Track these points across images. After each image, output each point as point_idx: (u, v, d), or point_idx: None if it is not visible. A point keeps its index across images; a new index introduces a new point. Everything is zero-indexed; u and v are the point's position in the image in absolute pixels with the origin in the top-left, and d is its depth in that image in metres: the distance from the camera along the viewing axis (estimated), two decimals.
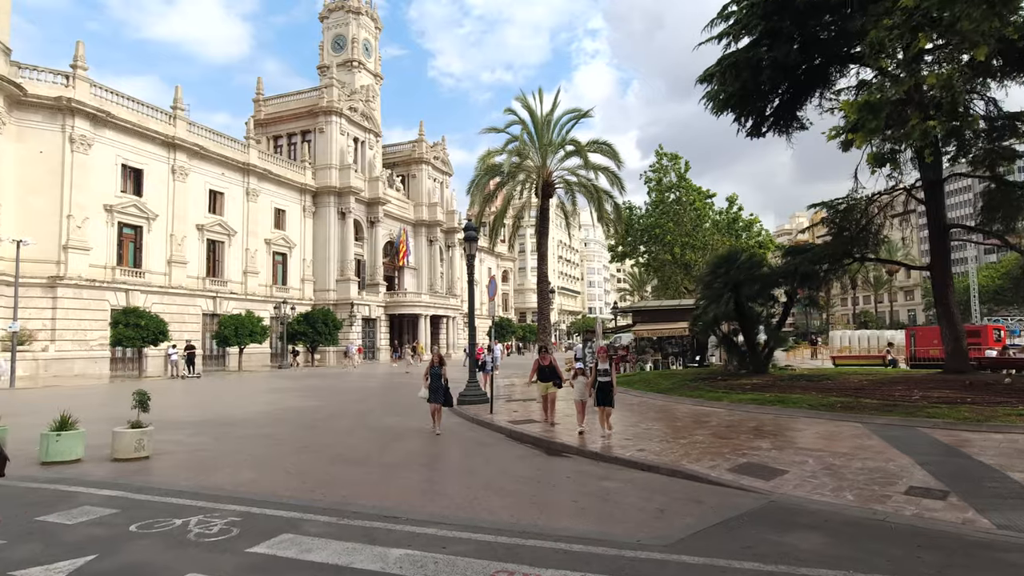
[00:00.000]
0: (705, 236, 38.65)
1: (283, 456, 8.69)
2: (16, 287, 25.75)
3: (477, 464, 8.24)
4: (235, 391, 22.27)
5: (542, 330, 25.28)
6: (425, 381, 10.83)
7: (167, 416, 13.36)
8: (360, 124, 54.04)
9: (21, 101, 31.27)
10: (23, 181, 31.14)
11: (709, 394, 14.92)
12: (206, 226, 40.37)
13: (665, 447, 8.88)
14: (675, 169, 38.61)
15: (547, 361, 11.59)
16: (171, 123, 38.48)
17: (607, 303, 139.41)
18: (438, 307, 58.69)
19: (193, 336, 38.42)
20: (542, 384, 11.53)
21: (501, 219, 25.02)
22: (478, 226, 16.71)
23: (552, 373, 11.46)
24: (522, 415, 13.33)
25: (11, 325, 24.17)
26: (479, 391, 15.91)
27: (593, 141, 24.26)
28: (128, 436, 7.85)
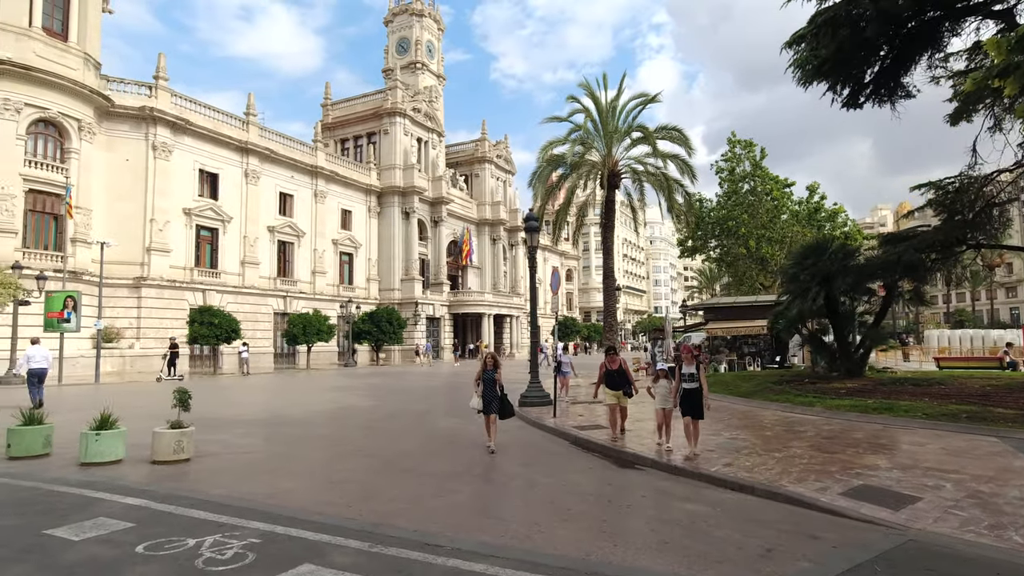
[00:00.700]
0: (783, 228, 35.96)
1: (328, 461, 8.05)
2: (100, 287, 27.07)
3: (538, 476, 7.27)
4: (298, 389, 22.35)
5: (608, 329, 24.00)
6: (476, 387, 9.14)
7: (223, 414, 13.22)
8: (423, 124, 54.33)
9: (110, 112, 33.08)
10: (111, 187, 32.93)
11: (798, 399, 13.28)
12: (277, 227, 41.56)
13: (757, 462, 7.58)
14: (749, 157, 36.13)
15: (616, 364, 9.76)
16: (244, 129, 39.84)
17: (674, 302, 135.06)
18: (501, 306, 58.20)
19: (265, 334, 39.64)
20: (611, 392, 9.65)
21: (564, 213, 23.93)
22: (540, 221, 15.74)
23: (622, 379, 9.65)
24: (588, 420, 12.26)
25: (96, 323, 25.39)
26: (541, 392, 14.95)
27: (662, 127, 22.76)
28: (167, 437, 7.44)
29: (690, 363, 8.39)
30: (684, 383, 8.26)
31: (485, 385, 9.03)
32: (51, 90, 29.66)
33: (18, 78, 28.59)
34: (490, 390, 8.99)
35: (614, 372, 9.71)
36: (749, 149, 35.95)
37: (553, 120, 23.31)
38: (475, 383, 9.22)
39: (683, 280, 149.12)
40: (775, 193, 34.80)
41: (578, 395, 17.36)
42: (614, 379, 9.65)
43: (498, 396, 9.04)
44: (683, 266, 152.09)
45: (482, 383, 9.06)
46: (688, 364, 8.37)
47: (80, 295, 25.50)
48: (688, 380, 8.26)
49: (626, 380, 9.67)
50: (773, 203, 35.80)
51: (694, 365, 8.36)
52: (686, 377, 8.28)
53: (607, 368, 9.80)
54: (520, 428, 11.74)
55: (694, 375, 8.28)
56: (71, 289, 26.12)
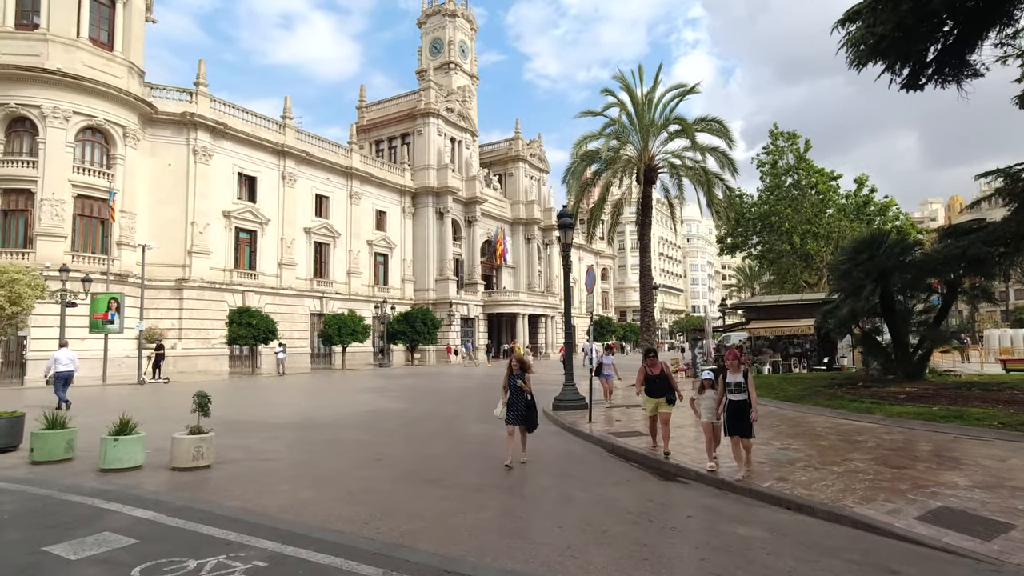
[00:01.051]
0: (829, 223, 34.35)
1: (352, 469, 7.69)
2: (142, 289, 27.66)
3: (572, 489, 6.74)
4: (331, 390, 22.32)
5: (645, 328, 23.23)
6: (503, 394, 8.14)
7: (253, 417, 13.11)
8: (457, 124, 54.25)
9: (153, 118, 33.94)
10: (154, 192, 33.77)
11: (854, 404, 12.34)
12: (313, 229, 42.02)
13: (814, 477, 6.86)
14: (793, 150, 34.62)
15: (656, 369, 8.71)
16: (281, 132, 40.41)
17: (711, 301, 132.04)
18: (536, 306, 57.68)
19: (302, 335, 40.12)
20: (650, 400, 8.60)
21: (599, 210, 23.26)
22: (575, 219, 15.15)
23: (664, 385, 8.57)
24: (625, 425, 11.65)
25: (138, 324, 25.96)
26: (576, 395, 14.37)
27: (700, 119, 21.84)
28: (185, 443, 7.20)
29: (736, 370, 7.16)
30: (729, 394, 7.11)
31: (512, 392, 8.05)
32: (98, 98, 30.54)
33: (67, 87, 29.53)
34: (517, 397, 8.03)
35: (655, 378, 8.66)
36: (792, 141, 34.47)
37: (587, 114, 22.70)
38: (502, 390, 8.22)
39: (721, 279, 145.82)
40: (820, 186, 33.24)
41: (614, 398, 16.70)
42: (655, 385, 8.61)
43: (524, 405, 8.03)
44: (721, 264, 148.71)
45: (508, 389, 8.10)
46: (734, 372, 7.16)
47: (123, 297, 26.12)
48: (734, 390, 7.09)
49: (668, 386, 8.60)
50: (818, 197, 34.24)
51: (741, 373, 7.14)
52: (731, 387, 7.13)
53: (647, 373, 8.71)
54: (554, 434, 11.21)
55: (741, 384, 7.10)
56: (116, 291, 26.79)
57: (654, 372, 8.69)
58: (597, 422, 12.04)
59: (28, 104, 29.02)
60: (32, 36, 29.45)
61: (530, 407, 8.11)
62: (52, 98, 29.29)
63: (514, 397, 8.02)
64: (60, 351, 13.24)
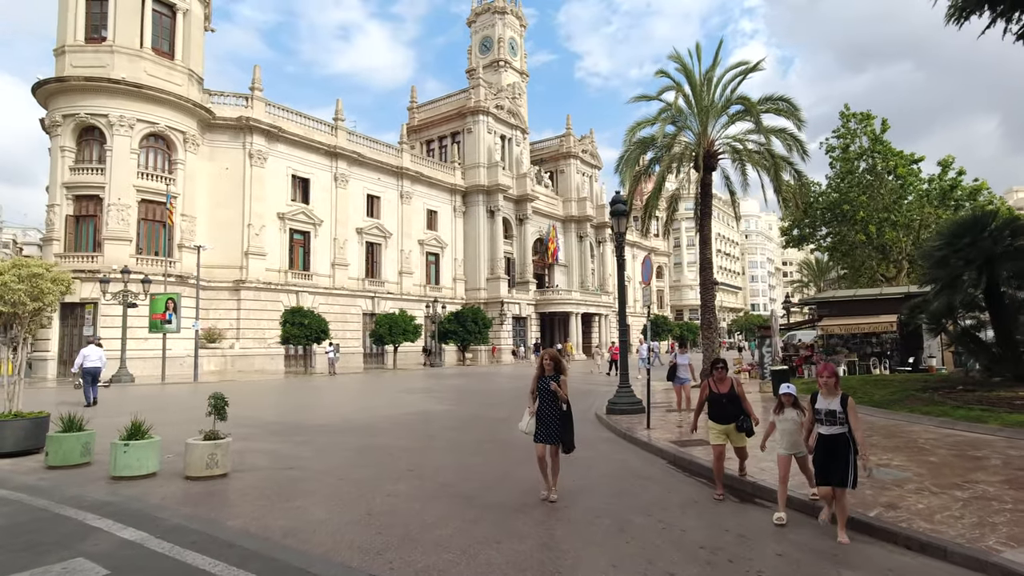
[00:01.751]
0: (910, 211, 31.41)
1: (379, 481, 6.89)
2: (198, 289, 28.22)
3: (628, 513, 5.69)
4: (377, 390, 21.89)
5: (706, 327, 21.64)
6: (530, 401, 6.34)
7: (291, 418, 12.65)
8: (507, 121, 53.57)
9: (211, 124, 34.85)
10: (212, 195, 34.65)
11: (960, 412, 10.64)
12: (364, 229, 42.26)
13: (934, 505, 5.53)
14: (867, 132, 31.85)
15: (724, 385, 6.55)
16: (333, 134, 40.81)
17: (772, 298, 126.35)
18: (589, 305, 56.24)
19: (355, 334, 40.37)
20: (717, 427, 6.47)
21: (655, 200, 21.81)
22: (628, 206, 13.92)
23: (734, 407, 6.45)
24: (687, 432, 10.41)
25: (194, 324, 26.46)
26: (632, 398, 13.20)
27: (765, 98, 20.08)
28: (199, 450, 6.59)
29: (831, 393, 5.01)
30: (820, 425, 5.01)
31: (541, 399, 6.22)
32: (160, 105, 31.54)
33: (131, 96, 30.61)
34: (547, 407, 6.17)
35: (721, 397, 6.48)
36: (866, 122, 31.71)
37: (641, 99, 21.33)
38: (530, 396, 6.35)
39: (782, 275, 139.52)
40: (900, 170, 30.40)
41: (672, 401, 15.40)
42: (722, 407, 6.46)
43: (559, 417, 6.14)
44: (782, 260, 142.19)
45: (537, 395, 6.25)
46: (828, 394, 5.03)
47: (180, 297, 26.70)
48: (827, 421, 4.96)
49: (740, 409, 6.43)
50: (897, 182, 31.37)
51: (838, 398, 4.97)
52: (823, 416, 4.99)
53: (712, 390, 6.57)
54: (608, 441, 10.13)
55: (837, 414, 4.91)
56: (174, 292, 27.45)
57: (721, 389, 6.52)
58: (656, 428, 10.87)
59: (96, 113, 30.23)
60: (100, 48, 30.70)
61: (565, 420, 6.18)
62: (118, 107, 30.42)
63: (545, 406, 6.20)
64: (89, 348, 13.29)
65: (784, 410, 5.63)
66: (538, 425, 6.23)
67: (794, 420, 5.55)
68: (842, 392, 5.04)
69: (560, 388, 6.20)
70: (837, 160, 33.32)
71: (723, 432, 6.46)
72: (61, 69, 30.59)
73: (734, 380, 6.65)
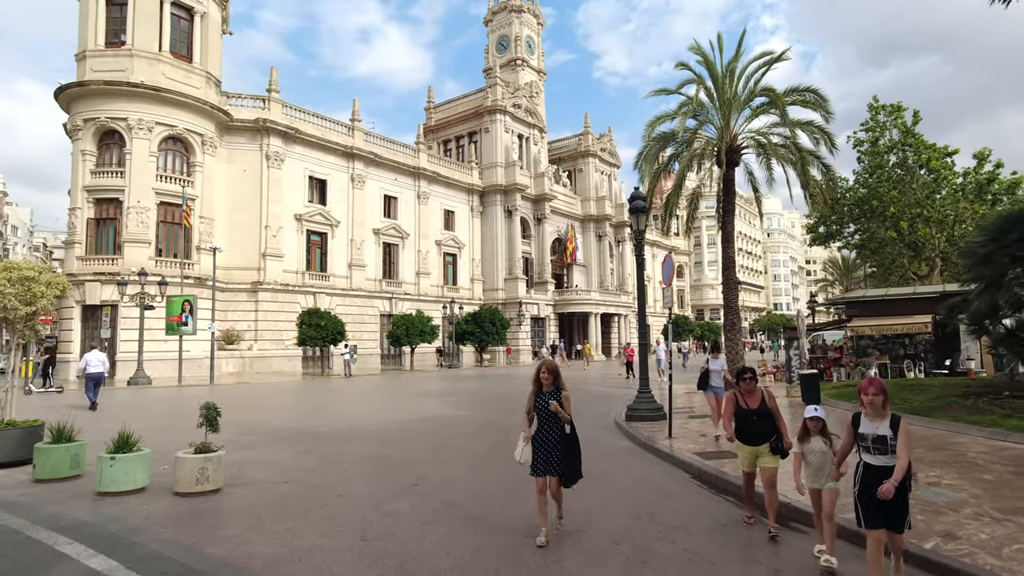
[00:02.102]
0: (943, 206, 30.12)
1: (380, 498, 6.42)
2: (214, 291, 28.23)
3: (650, 539, 5.13)
4: (392, 393, 21.53)
5: (729, 328, 20.82)
6: (525, 424, 5.35)
7: (299, 424, 12.28)
8: (524, 120, 53.06)
9: (229, 126, 34.95)
10: (230, 197, 34.73)
11: (1012, 422, 9.83)
12: (381, 230, 42.09)
13: (999, 534, 4.87)
14: (898, 124, 30.61)
15: (755, 399, 5.51)
16: (350, 134, 40.71)
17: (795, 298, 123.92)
18: (608, 305, 55.45)
19: (372, 336, 40.21)
20: (745, 448, 5.51)
21: (676, 197, 21.06)
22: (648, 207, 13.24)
23: (766, 424, 5.39)
24: (712, 441, 9.81)
25: (210, 326, 26.44)
26: (653, 404, 12.60)
27: (791, 89, 19.22)
28: (188, 464, 6.20)
29: (880, 414, 4.04)
30: (867, 454, 4.04)
31: (539, 420, 5.21)
32: (178, 108, 31.68)
33: (150, 99, 30.79)
34: (548, 430, 5.14)
35: (752, 413, 5.40)
36: (896, 114, 30.49)
37: (661, 93, 20.56)
38: (525, 417, 5.35)
39: (805, 274, 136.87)
40: (933, 163, 29.15)
41: (693, 405, 14.75)
42: (752, 425, 5.39)
43: (559, 441, 5.13)
44: (805, 259, 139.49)
45: (535, 416, 5.24)
46: (875, 416, 4.04)
47: (196, 299, 26.70)
48: (878, 449, 3.97)
49: (772, 426, 5.34)
50: (930, 176, 30.12)
51: (887, 420, 4.01)
52: (869, 442, 4.01)
53: (740, 405, 5.49)
54: (627, 452, 9.56)
55: (890, 442, 3.94)
56: (189, 294, 27.46)
57: (751, 405, 5.45)
58: (678, 437, 10.26)
59: (116, 117, 30.46)
60: (119, 52, 30.93)
61: (570, 445, 5.14)
62: (137, 110, 30.61)
63: (544, 429, 5.15)
64: (91, 353, 13.18)
65: (810, 439, 4.64)
66: (536, 453, 5.13)
67: (822, 452, 4.60)
68: (892, 413, 4.05)
69: (563, 407, 5.13)
70: (865, 154, 32.14)
71: (752, 454, 5.43)
72: (82, 74, 30.89)
73: (765, 392, 5.54)
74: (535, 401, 5.27)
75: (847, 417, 4.36)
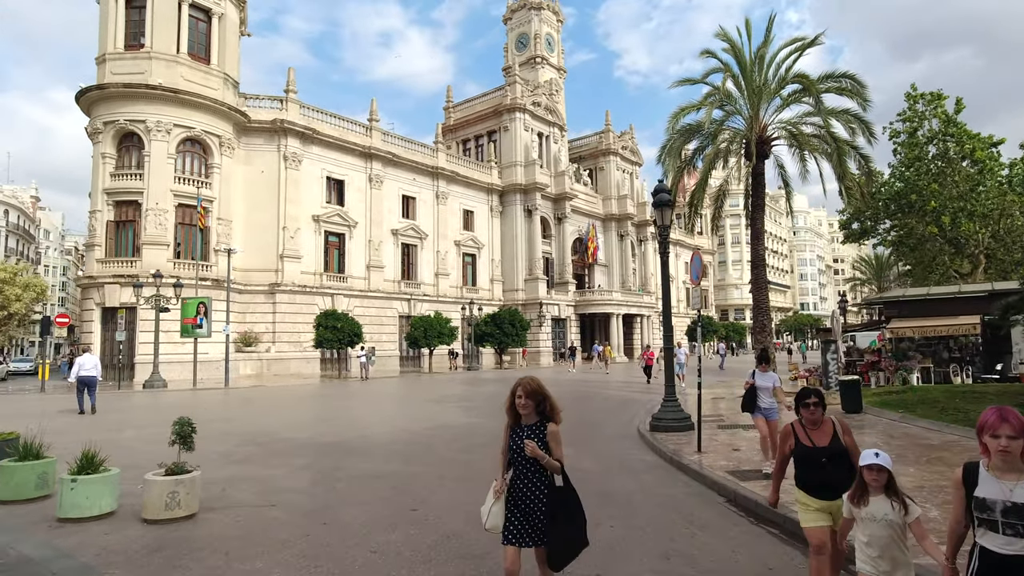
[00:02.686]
0: (989, 199, 28.44)
1: (369, 529, 5.67)
2: (228, 292, 27.97)
3: None
4: (406, 397, 20.91)
5: (760, 329, 19.81)
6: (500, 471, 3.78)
7: (303, 433, 11.65)
8: (544, 118, 52.22)
9: (247, 127, 34.83)
10: (248, 199, 34.59)
11: None
12: (400, 230, 41.65)
13: None
14: (938, 114, 29.03)
15: (823, 433, 3.83)
16: (367, 135, 40.35)
17: (822, 298, 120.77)
18: (631, 305, 54.26)
19: (391, 337, 39.72)
20: (814, 503, 3.72)
21: (701, 191, 20.09)
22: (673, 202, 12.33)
23: (840, 469, 3.65)
24: (746, 456, 8.89)
25: (224, 328, 26.16)
26: (679, 413, 11.70)
27: (826, 75, 18.13)
28: (157, 488, 5.54)
29: (1018, 469, 2.49)
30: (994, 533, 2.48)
31: (516, 468, 3.62)
32: (196, 110, 31.60)
33: (168, 101, 30.76)
34: (526, 481, 3.58)
35: (819, 453, 3.76)
36: (936, 103, 28.91)
37: (685, 83, 19.65)
38: (500, 459, 3.78)
39: (833, 273, 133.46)
40: (978, 154, 27.53)
41: (720, 411, 13.77)
42: (820, 471, 3.73)
43: (545, 500, 3.56)
44: (832, 258, 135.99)
45: (508, 460, 3.69)
46: (1010, 472, 2.50)
47: (211, 301, 26.46)
48: (1012, 529, 2.43)
49: (850, 471, 3.52)
50: (974, 168, 28.48)
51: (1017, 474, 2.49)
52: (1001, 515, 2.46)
53: (802, 443, 3.83)
54: (652, 468, 8.70)
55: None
56: (208, 296, 27.26)
57: (819, 441, 3.79)
58: (708, 452, 9.36)
59: (135, 119, 30.49)
60: (138, 55, 30.96)
61: (563, 504, 3.54)
62: (155, 112, 30.60)
63: (521, 480, 3.58)
64: (84, 356, 12.88)
65: (868, 498, 3.07)
66: (509, 513, 3.55)
67: (888, 520, 3.01)
68: None
69: (549, 449, 3.51)
70: (903, 146, 30.55)
71: (824, 511, 3.66)
72: (102, 77, 31.00)
73: (837, 424, 3.84)
74: (509, 437, 3.67)
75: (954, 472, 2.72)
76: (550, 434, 3.57)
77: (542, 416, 3.63)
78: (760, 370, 8.17)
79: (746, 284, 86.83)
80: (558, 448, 3.58)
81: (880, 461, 3.03)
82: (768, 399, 7.93)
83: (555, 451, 3.55)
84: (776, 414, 7.98)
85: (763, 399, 7.95)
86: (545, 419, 3.63)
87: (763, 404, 7.94)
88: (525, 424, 3.63)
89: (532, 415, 3.63)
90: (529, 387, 3.63)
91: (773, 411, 7.94)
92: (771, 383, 7.99)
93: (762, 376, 8.10)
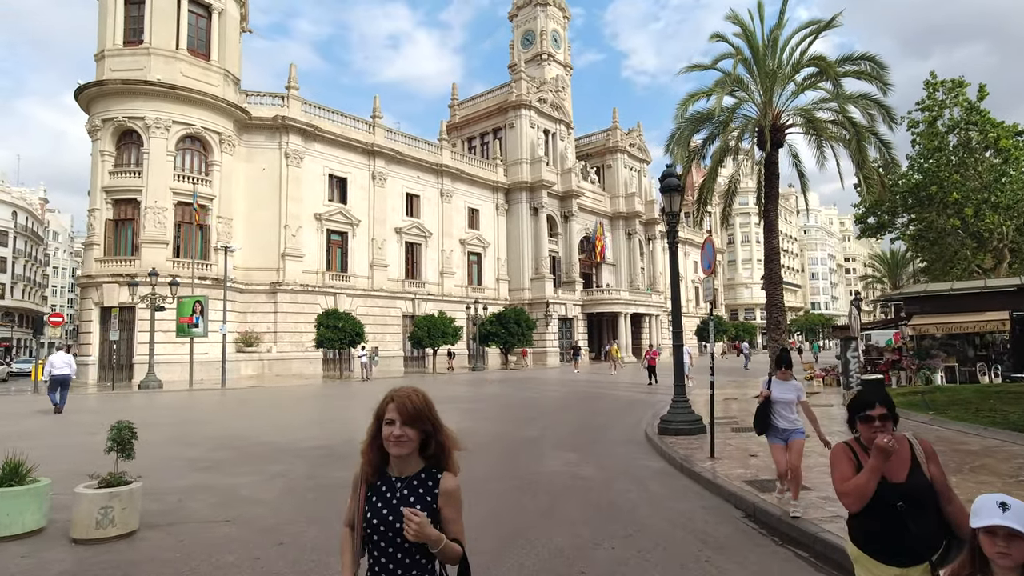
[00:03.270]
0: (1015, 190, 27.24)
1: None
2: (224, 292, 27.40)
3: None
4: None
5: (774, 327, 18.87)
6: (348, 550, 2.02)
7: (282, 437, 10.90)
8: (550, 115, 51.39)
9: (248, 124, 34.28)
10: (249, 197, 34.02)
11: None
12: (404, 229, 40.98)
13: None
14: (959, 102, 27.86)
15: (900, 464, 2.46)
16: (370, 131, 39.71)
17: (834, 297, 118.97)
18: (639, 304, 53.26)
19: (395, 337, 39.05)
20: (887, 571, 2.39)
21: (711, 181, 19.15)
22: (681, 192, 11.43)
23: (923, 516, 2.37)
24: (764, 462, 8.04)
25: (221, 327, 25.57)
26: (690, 415, 10.85)
27: (845, 57, 17.19)
28: (87, 502, 4.80)
29: None
30: None
31: (376, 554, 1.94)
32: (196, 107, 31.07)
33: (167, 98, 30.25)
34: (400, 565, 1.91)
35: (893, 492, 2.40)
36: (958, 91, 27.74)
37: (695, 68, 18.76)
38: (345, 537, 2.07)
39: (844, 272, 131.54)
40: (1003, 142, 26.34)
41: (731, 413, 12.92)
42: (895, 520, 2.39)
43: None
44: (844, 256, 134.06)
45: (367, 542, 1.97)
46: None
47: (208, 300, 25.88)
48: None
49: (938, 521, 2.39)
50: (999, 158, 27.29)
51: None
52: None
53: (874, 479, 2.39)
54: (660, 476, 7.89)
55: None
56: (204, 295, 26.68)
57: (893, 476, 2.44)
58: (721, 457, 8.53)
59: (133, 116, 30.01)
60: (137, 51, 30.49)
61: None
62: (154, 109, 30.10)
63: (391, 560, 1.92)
64: (55, 355, 12.37)
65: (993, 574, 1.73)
66: None
67: None
68: None
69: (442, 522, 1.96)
70: (922, 136, 29.37)
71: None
72: (101, 73, 30.56)
73: (916, 446, 2.57)
74: (365, 503, 2.01)
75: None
76: (443, 495, 1.98)
77: (430, 460, 2.04)
78: (778, 376, 6.00)
79: (756, 283, 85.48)
80: (457, 520, 1.99)
81: (1008, 523, 1.67)
82: (790, 416, 5.85)
83: (451, 526, 1.97)
84: (802, 433, 5.92)
85: (781, 417, 5.84)
86: (434, 466, 2.03)
87: (780, 423, 5.84)
88: (398, 476, 2.02)
89: (413, 458, 2.02)
90: (409, 406, 1.99)
91: (798, 431, 5.88)
92: (793, 395, 5.90)
93: (780, 385, 5.91)
